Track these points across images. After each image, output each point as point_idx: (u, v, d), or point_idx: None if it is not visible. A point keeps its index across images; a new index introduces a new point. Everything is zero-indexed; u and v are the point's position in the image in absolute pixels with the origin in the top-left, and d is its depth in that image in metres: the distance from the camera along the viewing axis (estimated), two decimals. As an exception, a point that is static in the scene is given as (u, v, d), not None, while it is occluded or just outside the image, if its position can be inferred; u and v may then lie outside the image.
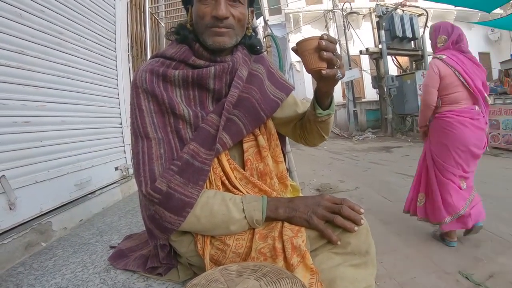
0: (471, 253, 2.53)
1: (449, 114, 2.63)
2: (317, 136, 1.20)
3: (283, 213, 0.95)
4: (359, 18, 15.91)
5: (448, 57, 2.61)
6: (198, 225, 0.96)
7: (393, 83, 11.22)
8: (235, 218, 0.94)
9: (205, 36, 1.00)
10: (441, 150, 2.70)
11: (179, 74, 1.01)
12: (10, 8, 1.69)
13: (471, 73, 2.57)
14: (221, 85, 1.04)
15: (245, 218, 0.94)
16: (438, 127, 2.72)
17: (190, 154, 0.96)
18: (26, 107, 1.77)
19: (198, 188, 0.95)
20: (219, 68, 1.01)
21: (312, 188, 5.00)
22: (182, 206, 0.92)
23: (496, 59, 17.62)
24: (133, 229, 1.83)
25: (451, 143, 2.61)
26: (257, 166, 1.12)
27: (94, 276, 1.26)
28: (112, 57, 2.88)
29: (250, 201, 0.96)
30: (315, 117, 1.09)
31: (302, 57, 0.92)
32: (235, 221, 0.94)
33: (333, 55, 0.87)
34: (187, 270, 1.14)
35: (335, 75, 0.89)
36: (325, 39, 0.86)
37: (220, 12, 0.94)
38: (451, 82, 2.59)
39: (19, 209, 1.65)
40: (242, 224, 0.95)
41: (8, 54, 1.66)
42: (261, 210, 0.95)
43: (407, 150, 8.38)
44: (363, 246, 0.90)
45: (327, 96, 1.05)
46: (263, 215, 0.94)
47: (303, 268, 0.84)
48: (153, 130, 0.98)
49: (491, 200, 3.72)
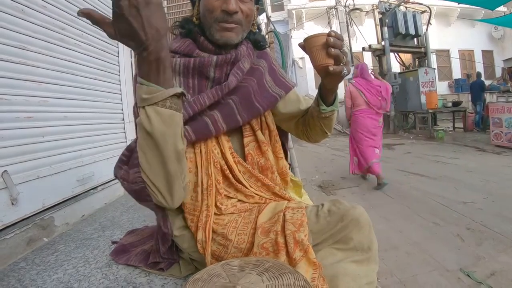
0: (472, 251, 2.52)
1: (357, 112, 4.80)
2: (320, 132, 1.20)
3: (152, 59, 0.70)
4: (362, 15, 15.87)
5: (356, 81, 4.81)
6: (154, 157, 0.80)
7: (396, 80, 11.15)
8: (142, 119, 0.76)
9: (212, 30, 1.00)
10: (356, 131, 4.81)
11: (180, 61, 1.02)
12: (12, 3, 1.68)
13: (366, 91, 4.70)
14: (221, 75, 1.04)
15: (143, 108, 0.75)
16: (353, 119, 4.87)
17: None
18: (28, 102, 1.77)
19: None
20: (222, 58, 1.02)
21: (314, 185, 4.99)
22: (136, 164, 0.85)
23: (499, 57, 17.57)
24: (135, 225, 1.83)
25: (358, 127, 4.76)
26: (258, 161, 1.13)
27: (96, 271, 1.27)
28: (115, 53, 2.87)
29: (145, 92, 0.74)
30: (319, 113, 1.09)
31: (309, 53, 0.92)
32: (143, 119, 0.76)
33: (340, 52, 0.89)
34: (189, 265, 1.14)
35: (341, 71, 0.91)
36: (333, 36, 0.87)
37: (231, 6, 0.95)
38: (357, 96, 4.75)
39: (21, 204, 1.65)
40: (148, 112, 0.75)
41: (10, 49, 1.66)
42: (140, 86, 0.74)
43: (409, 147, 8.36)
44: (365, 242, 0.90)
45: (331, 92, 1.07)
46: (142, 85, 0.73)
47: (306, 262, 0.84)
48: None
49: (493, 198, 3.72)
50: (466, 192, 4.06)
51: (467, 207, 3.53)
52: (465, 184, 4.44)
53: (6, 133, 1.62)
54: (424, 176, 5.04)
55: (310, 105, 1.20)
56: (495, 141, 7.21)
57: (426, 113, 10.20)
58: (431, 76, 11.14)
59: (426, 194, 4.10)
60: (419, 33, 11.90)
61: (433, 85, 11.06)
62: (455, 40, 17.82)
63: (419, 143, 8.91)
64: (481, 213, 3.31)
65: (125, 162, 0.97)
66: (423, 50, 12.02)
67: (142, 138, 0.78)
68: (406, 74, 11.77)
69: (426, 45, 11.85)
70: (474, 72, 13.55)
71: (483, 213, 3.29)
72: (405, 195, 4.14)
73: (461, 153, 6.88)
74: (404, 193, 4.26)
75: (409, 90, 11.40)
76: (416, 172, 5.37)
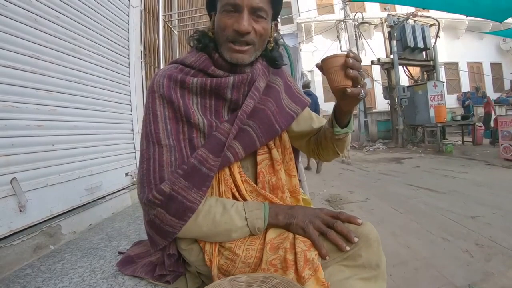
0: (481, 267, 2.47)
1: None
2: (332, 152, 1.19)
3: (282, 219, 0.96)
4: (370, 28, 15.92)
5: None
6: (200, 232, 0.97)
7: (404, 94, 11.13)
8: (237, 226, 0.95)
9: (224, 49, 0.99)
10: None
11: (197, 81, 1.00)
12: (25, 12, 1.72)
13: None
14: (239, 96, 1.03)
15: (247, 226, 0.96)
16: None
17: (198, 159, 0.95)
18: (39, 111, 1.79)
19: (201, 193, 0.94)
20: (238, 78, 1.00)
21: (322, 199, 4.95)
22: (183, 209, 0.92)
23: (508, 69, 17.53)
24: (142, 235, 1.83)
25: None
26: (270, 179, 1.11)
27: (102, 281, 1.26)
28: (125, 64, 2.91)
29: (252, 208, 0.98)
30: (333, 135, 1.08)
31: (327, 74, 0.90)
32: (237, 229, 0.95)
33: (359, 74, 0.87)
34: (196, 278, 1.13)
35: (359, 93, 0.89)
36: (352, 57, 0.86)
37: (242, 27, 0.93)
38: None
39: (29, 212, 1.66)
40: (244, 231, 0.96)
41: (22, 58, 1.69)
42: (263, 218, 0.96)
43: (418, 161, 8.28)
44: (373, 259, 0.89)
45: (347, 114, 1.04)
46: (265, 223, 0.96)
47: (314, 282, 0.83)
48: (166, 137, 0.97)
49: (502, 213, 3.66)
50: (475, 207, 4.00)
51: (476, 221, 3.47)
52: (473, 199, 4.37)
53: (16, 141, 1.63)
54: (432, 191, 4.98)
55: (322, 124, 1.19)
56: (504, 154, 7.12)
57: (435, 126, 10.14)
58: (439, 90, 11.10)
59: (435, 209, 4.04)
60: (427, 46, 11.90)
61: (442, 99, 11.01)
62: (463, 53, 17.82)
63: (428, 157, 8.83)
64: (490, 228, 3.24)
65: (159, 206, 0.95)
66: (432, 63, 12.01)
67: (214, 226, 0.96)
68: (415, 87, 11.72)
69: (435, 58, 11.85)
70: (483, 85, 13.51)
71: (492, 228, 3.23)
72: (413, 209, 4.08)
73: (470, 167, 6.80)
74: (413, 207, 4.20)
75: (418, 103, 11.36)
76: (425, 186, 5.30)
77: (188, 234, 0.97)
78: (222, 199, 1.01)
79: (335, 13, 16.35)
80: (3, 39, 1.58)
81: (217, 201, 0.99)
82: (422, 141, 11.30)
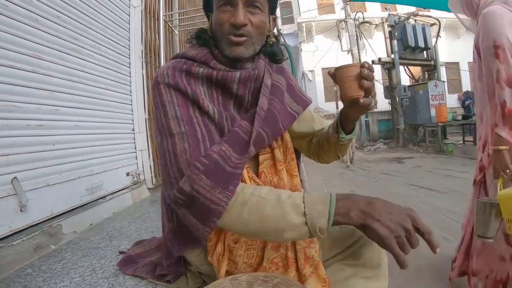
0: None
1: None
2: (333, 156, 1.18)
3: (356, 218, 0.75)
4: (371, 28, 15.92)
5: None
6: (244, 232, 0.85)
7: (405, 93, 11.13)
8: (293, 223, 0.76)
9: (223, 45, 0.97)
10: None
11: (203, 71, 0.97)
12: (26, 12, 1.72)
13: None
14: (245, 92, 1.00)
15: (306, 224, 0.76)
16: None
17: (221, 156, 0.85)
18: (40, 110, 1.80)
19: (228, 194, 0.80)
20: (245, 74, 0.98)
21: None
22: (207, 212, 0.80)
23: (510, 70, 17.43)
24: (143, 235, 1.83)
25: None
26: (271, 179, 1.08)
27: (103, 281, 1.26)
28: (126, 64, 2.91)
29: (314, 203, 0.77)
30: (337, 140, 1.07)
31: (340, 83, 0.89)
32: (292, 227, 0.77)
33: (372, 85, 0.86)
34: (197, 278, 1.13)
35: (370, 104, 0.88)
36: (366, 68, 0.84)
37: (238, 20, 0.92)
38: None
39: (30, 211, 1.66)
40: (301, 232, 0.77)
41: (23, 58, 1.69)
42: (327, 217, 0.75)
43: (419, 161, 8.28)
44: (375, 259, 0.89)
45: (353, 121, 1.04)
46: (329, 222, 0.75)
47: (315, 279, 0.83)
48: (176, 124, 0.89)
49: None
50: (477, 207, 3.98)
51: (478, 222, 3.46)
52: (475, 199, 4.35)
53: (17, 140, 1.64)
54: (433, 190, 4.97)
55: (323, 126, 1.19)
56: None
57: (436, 126, 10.12)
58: (440, 89, 11.07)
59: (436, 209, 4.03)
60: (428, 46, 11.88)
61: (443, 98, 10.99)
62: (464, 53, 17.71)
63: (429, 157, 8.82)
64: (492, 228, 3.24)
65: (183, 207, 0.85)
66: (433, 63, 11.99)
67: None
68: (416, 87, 11.71)
69: (436, 58, 11.82)
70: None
71: (494, 229, 3.22)
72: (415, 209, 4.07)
73: (470, 166, 6.77)
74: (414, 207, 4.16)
75: (419, 103, 11.34)
76: (426, 186, 5.29)
77: (230, 230, 0.89)
78: (275, 189, 0.86)
79: (336, 13, 16.36)
80: (5, 39, 1.58)
81: (270, 190, 0.84)
82: (423, 140, 11.29)
